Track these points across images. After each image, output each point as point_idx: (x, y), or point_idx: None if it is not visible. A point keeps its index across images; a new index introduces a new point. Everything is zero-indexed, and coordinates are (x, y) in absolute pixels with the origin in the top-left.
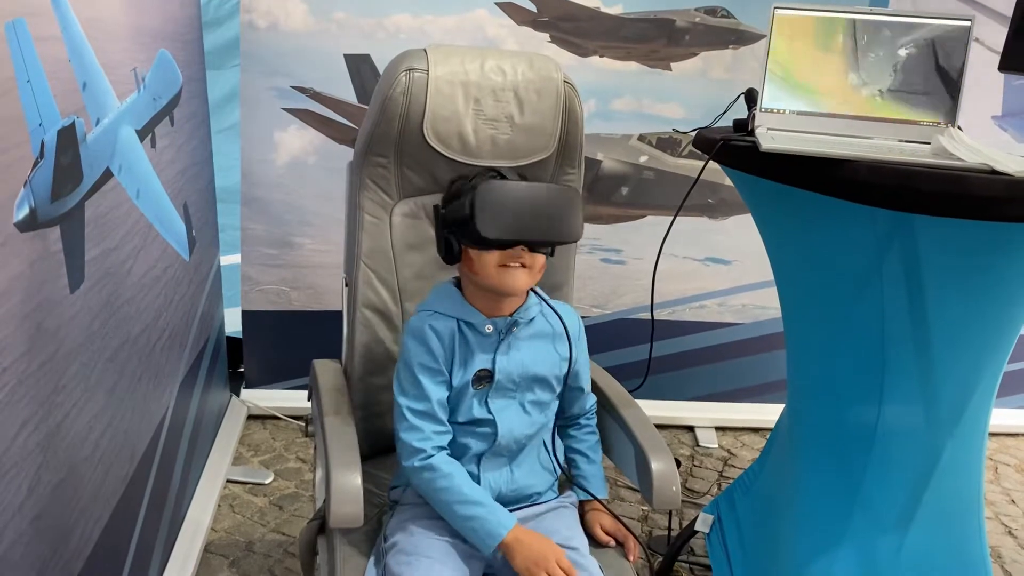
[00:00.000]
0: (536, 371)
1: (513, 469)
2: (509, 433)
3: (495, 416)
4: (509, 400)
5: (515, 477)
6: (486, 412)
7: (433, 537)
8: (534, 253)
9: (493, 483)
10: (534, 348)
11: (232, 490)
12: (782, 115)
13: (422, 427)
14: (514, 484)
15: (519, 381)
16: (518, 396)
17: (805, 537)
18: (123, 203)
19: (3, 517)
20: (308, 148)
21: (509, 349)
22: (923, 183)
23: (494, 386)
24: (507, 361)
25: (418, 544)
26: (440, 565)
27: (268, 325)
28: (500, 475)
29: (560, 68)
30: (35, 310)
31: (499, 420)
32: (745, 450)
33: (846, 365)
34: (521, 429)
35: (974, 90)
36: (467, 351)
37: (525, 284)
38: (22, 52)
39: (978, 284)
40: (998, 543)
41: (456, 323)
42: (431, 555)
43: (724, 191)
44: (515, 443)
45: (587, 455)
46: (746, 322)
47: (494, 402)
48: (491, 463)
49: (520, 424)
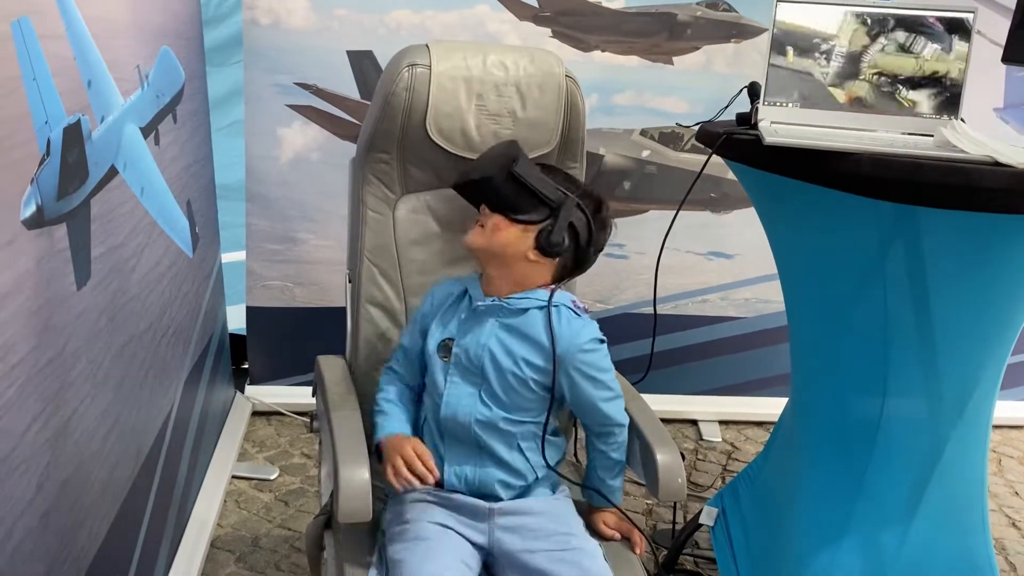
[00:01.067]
0: (495, 363)
1: (478, 463)
2: (453, 414)
3: (445, 389)
4: (468, 383)
5: (480, 471)
6: (442, 383)
7: (427, 521)
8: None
9: (457, 471)
10: (506, 339)
11: (238, 486)
12: (785, 108)
13: (396, 359)
14: (484, 473)
15: (478, 365)
16: (480, 383)
17: (809, 529)
18: (128, 200)
19: (13, 514)
20: (311, 144)
21: (476, 329)
22: (927, 176)
23: (453, 361)
24: (469, 339)
25: (412, 529)
26: (437, 545)
27: (272, 321)
28: (464, 467)
29: (562, 63)
30: (42, 307)
31: (447, 395)
32: (749, 444)
33: (850, 358)
34: (469, 415)
35: (976, 83)
36: (449, 315)
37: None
38: (27, 50)
39: (982, 276)
40: (1002, 535)
41: (462, 290)
42: (428, 537)
43: (727, 185)
44: (460, 427)
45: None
46: (749, 316)
47: (451, 378)
48: (454, 450)
49: (468, 410)
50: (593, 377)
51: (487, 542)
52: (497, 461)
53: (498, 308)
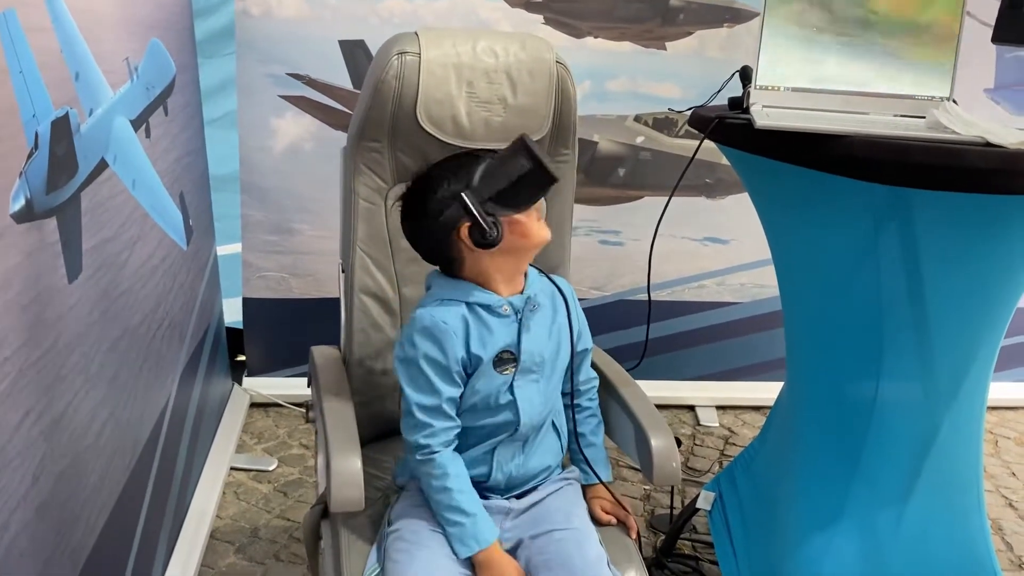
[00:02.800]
0: (554, 348)
1: (526, 452)
2: (530, 420)
3: (518, 402)
4: (532, 384)
5: (527, 460)
6: (509, 397)
7: (435, 528)
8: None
9: (504, 467)
10: (545, 325)
11: (236, 477)
12: (777, 92)
13: (430, 423)
14: (525, 468)
15: (540, 362)
16: (541, 379)
17: (806, 512)
18: (119, 193)
19: (8, 506)
20: (305, 134)
21: (526, 330)
22: (919, 157)
23: (520, 369)
24: (529, 341)
25: (419, 534)
26: (438, 558)
27: (269, 313)
28: (512, 459)
29: (552, 48)
30: (34, 301)
31: (521, 406)
32: (746, 428)
33: (844, 341)
34: (541, 414)
35: (966, 64)
36: (484, 330)
37: (548, 234)
38: (13, 43)
39: (974, 257)
40: (998, 515)
41: (466, 307)
42: (430, 546)
43: (721, 170)
44: (533, 429)
45: (588, 439)
46: (745, 301)
47: (519, 387)
48: (506, 449)
49: (541, 409)
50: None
51: None
52: (541, 450)
53: (524, 301)
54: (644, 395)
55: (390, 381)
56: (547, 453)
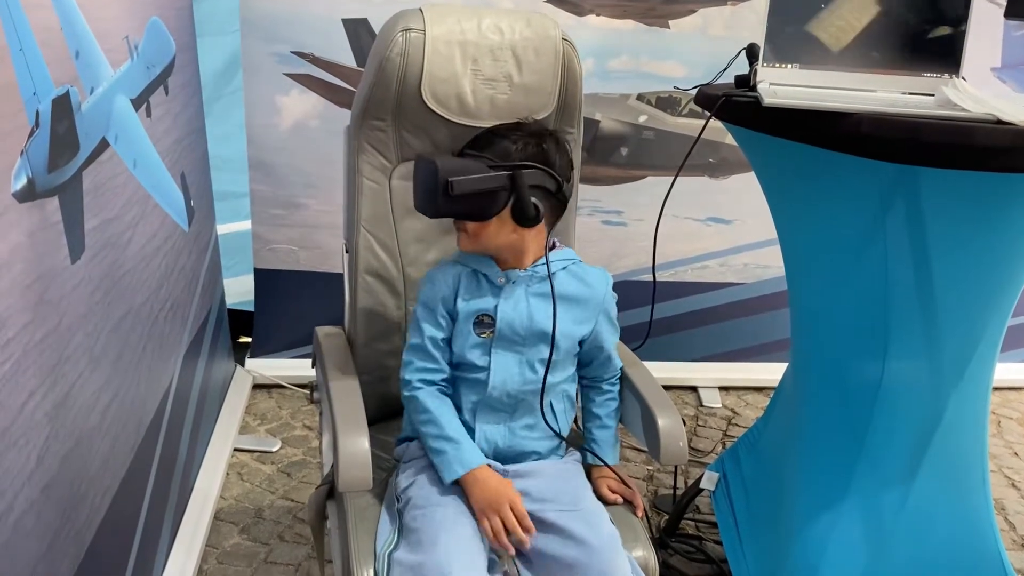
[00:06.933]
0: (543, 327)
1: (512, 426)
2: (502, 385)
3: (491, 365)
4: (513, 354)
5: (514, 434)
6: (484, 360)
7: (443, 486)
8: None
9: (489, 436)
10: (547, 305)
11: (240, 458)
12: (784, 70)
13: (412, 360)
14: (512, 441)
15: (524, 335)
16: (524, 352)
17: (810, 493)
18: (120, 173)
19: (14, 486)
20: (311, 112)
21: (516, 300)
22: (928, 135)
23: (497, 335)
24: (511, 310)
25: (430, 496)
26: (455, 513)
27: (278, 284)
28: (496, 430)
29: (558, 26)
30: (36, 281)
31: (493, 369)
32: (749, 409)
33: (850, 321)
34: (516, 384)
35: (974, 42)
36: (472, 291)
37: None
38: (13, 20)
39: (982, 237)
40: (1002, 495)
41: (470, 271)
42: (445, 504)
43: (725, 150)
44: (508, 397)
45: (603, 421)
46: (748, 282)
47: (496, 352)
48: (487, 416)
49: (516, 379)
50: (612, 320)
51: None
52: (529, 427)
53: (527, 278)
54: (650, 375)
55: (394, 361)
56: (539, 433)
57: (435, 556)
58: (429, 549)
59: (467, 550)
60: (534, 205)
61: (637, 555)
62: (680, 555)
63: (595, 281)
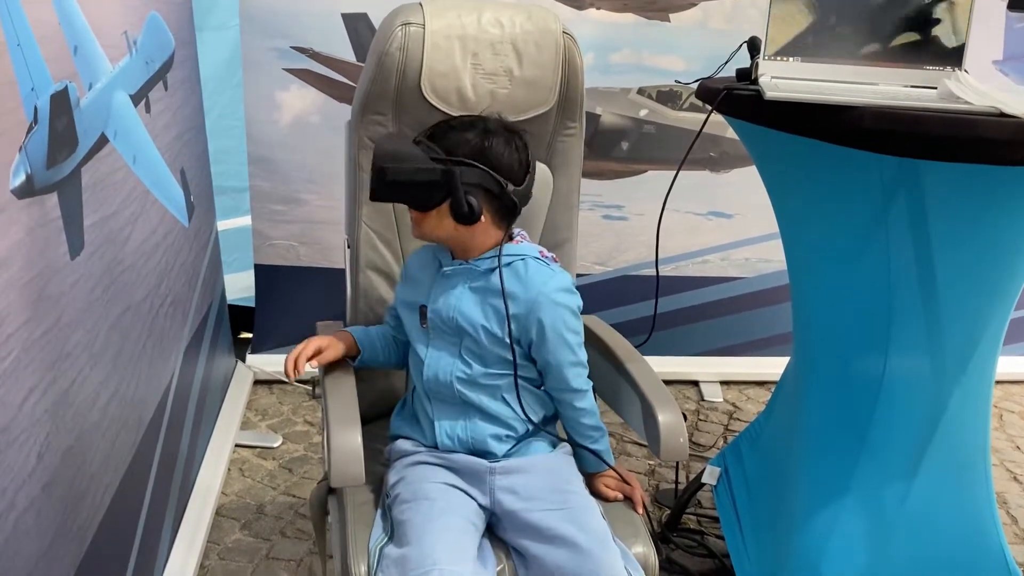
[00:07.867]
0: (467, 321)
1: (470, 417)
2: (434, 375)
3: (425, 354)
4: (446, 343)
5: (471, 428)
6: (423, 349)
7: (430, 480)
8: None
9: (449, 431)
10: (476, 298)
11: (241, 454)
12: (786, 63)
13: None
14: (473, 432)
15: (452, 326)
16: (458, 343)
17: (812, 487)
18: (120, 169)
19: (14, 484)
20: (311, 107)
21: (448, 292)
22: (931, 128)
23: (431, 326)
24: (439, 303)
25: (417, 490)
26: (443, 504)
27: (279, 280)
28: (455, 424)
29: (559, 19)
30: (36, 277)
31: (427, 359)
32: (750, 403)
33: (852, 315)
34: (449, 374)
35: (976, 35)
36: (418, 281)
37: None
38: (11, 16)
39: (985, 231)
40: (1004, 489)
41: (432, 258)
42: (431, 496)
43: (726, 144)
44: (444, 387)
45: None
46: (749, 276)
47: (433, 342)
48: (442, 410)
49: (448, 369)
50: (561, 335)
51: (489, 502)
52: (485, 415)
53: (465, 271)
54: (651, 370)
55: None
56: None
57: (420, 548)
58: (415, 542)
59: (454, 541)
60: (469, 204)
61: (637, 551)
62: (682, 550)
63: (533, 282)
